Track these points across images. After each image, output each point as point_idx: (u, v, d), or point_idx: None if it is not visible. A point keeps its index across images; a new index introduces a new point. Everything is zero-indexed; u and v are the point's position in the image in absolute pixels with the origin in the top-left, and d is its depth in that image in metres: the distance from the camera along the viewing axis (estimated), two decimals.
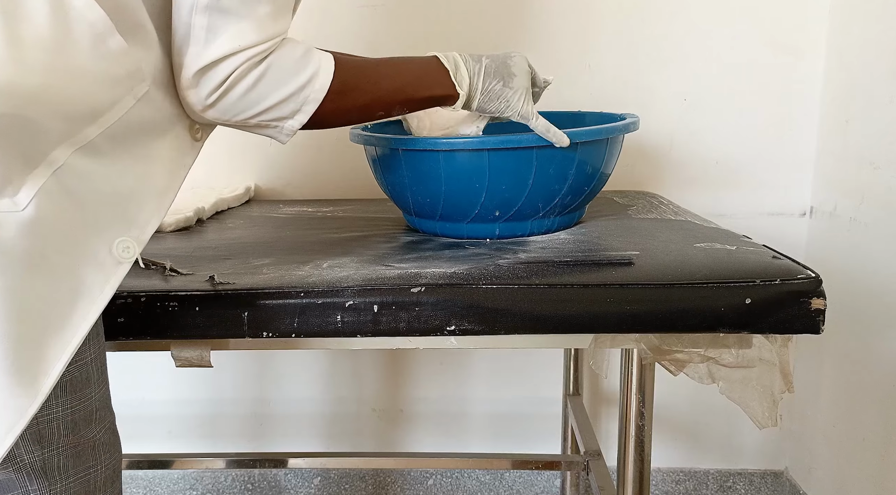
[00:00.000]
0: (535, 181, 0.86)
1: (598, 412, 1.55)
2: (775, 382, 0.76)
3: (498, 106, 0.83)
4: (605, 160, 0.90)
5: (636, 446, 0.83)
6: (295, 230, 1.02)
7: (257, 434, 1.58)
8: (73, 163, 0.58)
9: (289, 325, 0.71)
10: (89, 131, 0.59)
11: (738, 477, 1.54)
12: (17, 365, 0.54)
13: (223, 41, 0.64)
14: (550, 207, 0.90)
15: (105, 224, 0.60)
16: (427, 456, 1.44)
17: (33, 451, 0.59)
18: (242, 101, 0.67)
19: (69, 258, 0.58)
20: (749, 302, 0.68)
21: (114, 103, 0.60)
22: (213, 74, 0.65)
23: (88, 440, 0.63)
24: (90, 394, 0.63)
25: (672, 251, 0.80)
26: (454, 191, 0.88)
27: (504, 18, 1.36)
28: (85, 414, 0.62)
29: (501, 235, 0.91)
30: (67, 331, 0.57)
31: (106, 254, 0.60)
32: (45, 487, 0.60)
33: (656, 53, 1.36)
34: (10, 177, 0.54)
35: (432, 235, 0.96)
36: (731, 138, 1.38)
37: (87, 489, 0.63)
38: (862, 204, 1.22)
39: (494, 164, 0.85)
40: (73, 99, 0.57)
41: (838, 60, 1.30)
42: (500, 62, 0.83)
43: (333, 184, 1.41)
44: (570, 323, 0.70)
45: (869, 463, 1.21)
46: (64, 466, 0.61)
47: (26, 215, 0.55)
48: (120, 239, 0.61)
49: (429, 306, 0.70)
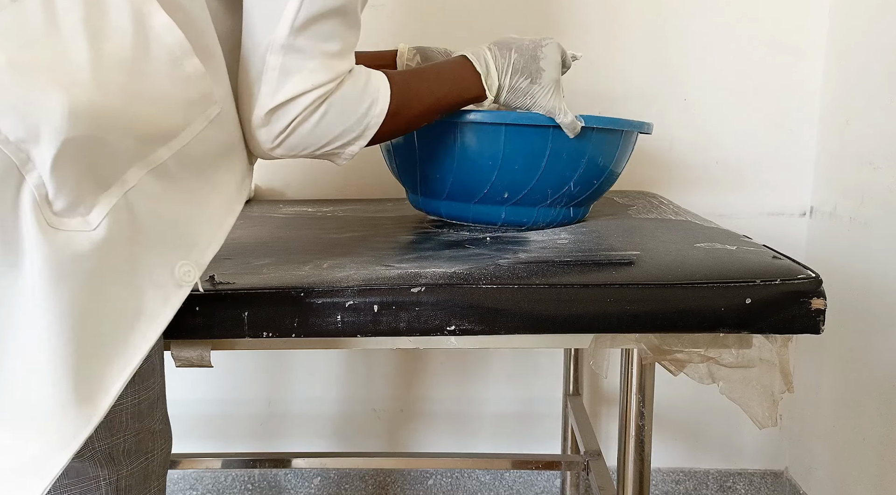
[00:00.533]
0: (547, 164, 0.86)
1: (598, 412, 1.55)
2: (775, 382, 0.76)
3: (524, 102, 0.83)
4: (616, 156, 0.91)
5: (636, 446, 0.83)
6: (295, 230, 1.02)
7: (257, 434, 1.58)
8: (144, 184, 0.58)
9: (289, 325, 0.71)
10: (161, 153, 0.59)
11: (738, 477, 1.54)
12: (78, 382, 0.54)
13: (296, 81, 0.65)
14: (559, 196, 0.90)
15: (169, 246, 0.60)
16: (427, 456, 1.44)
17: (104, 439, 0.61)
18: (309, 137, 0.69)
19: (133, 279, 0.58)
20: (749, 302, 0.68)
21: (186, 125, 0.60)
22: (283, 114, 0.66)
23: (149, 428, 0.65)
24: (153, 384, 0.65)
25: (672, 251, 0.80)
26: (466, 168, 0.88)
27: (500, 23, 1.36)
28: (148, 403, 0.64)
29: (507, 220, 0.92)
30: (128, 351, 0.57)
31: (168, 276, 0.60)
32: (112, 473, 0.62)
33: (656, 53, 1.36)
34: (84, 196, 0.54)
35: (436, 217, 0.97)
36: (731, 138, 1.38)
37: (145, 474, 0.65)
38: (862, 204, 1.22)
39: (510, 141, 0.85)
40: (148, 120, 0.57)
41: (838, 60, 1.30)
42: (529, 55, 0.82)
43: (333, 185, 1.41)
44: (570, 323, 0.70)
45: (869, 463, 1.21)
46: (127, 452, 0.63)
47: (96, 235, 0.55)
48: (181, 262, 0.61)
49: (429, 306, 0.70)
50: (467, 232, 0.95)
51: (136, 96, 0.56)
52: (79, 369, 0.54)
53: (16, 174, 0.52)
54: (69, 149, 0.52)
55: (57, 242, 0.53)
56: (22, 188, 0.52)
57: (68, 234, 0.54)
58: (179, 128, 0.60)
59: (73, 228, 0.54)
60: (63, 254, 0.53)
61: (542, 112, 0.83)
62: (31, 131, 0.51)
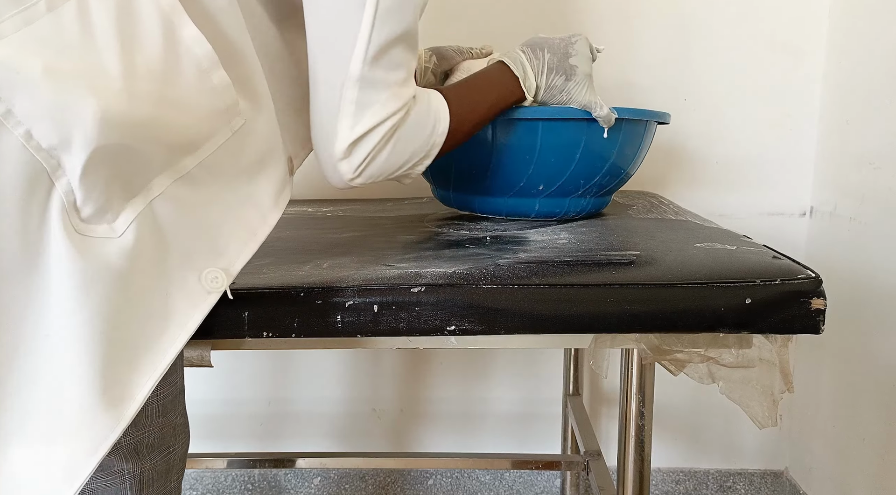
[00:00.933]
0: (581, 155, 0.89)
1: (598, 412, 1.55)
2: (775, 382, 0.76)
3: (560, 98, 0.86)
4: (641, 145, 0.95)
5: (636, 446, 0.83)
6: (295, 230, 1.02)
7: (258, 434, 1.58)
8: (170, 192, 0.58)
9: (289, 325, 0.71)
10: (187, 162, 0.59)
11: (738, 477, 1.54)
12: (106, 386, 0.54)
13: (372, 113, 0.67)
14: (590, 186, 0.94)
15: (196, 253, 0.61)
16: (427, 456, 1.44)
17: (130, 434, 0.62)
18: (386, 164, 0.71)
19: (160, 285, 0.58)
20: (749, 302, 0.68)
21: (211, 136, 0.61)
22: (362, 145, 0.68)
23: (171, 423, 0.66)
24: (175, 380, 0.66)
25: (672, 251, 0.80)
26: (503, 162, 0.90)
27: (500, 22, 1.36)
28: (171, 399, 0.66)
29: (539, 212, 0.96)
30: (156, 356, 0.58)
31: (195, 282, 0.61)
32: (136, 466, 0.63)
33: (656, 53, 1.36)
34: (111, 204, 0.55)
35: (469, 212, 0.99)
36: (731, 138, 1.38)
37: (167, 467, 0.67)
38: (862, 204, 1.22)
39: (546, 135, 0.88)
40: (176, 130, 0.58)
41: (838, 60, 1.30)
42: (562, 54, 0.85)
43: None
44: (570, 323, 0.70)
45: (869, 463, 1.21)
46: (151, 447, 0.64)
47: (122, 242, 0.55)
48: (209, 268, 0.61)
49: (429, 306, 0.70)
50: (467, 231, 0.95)
51: (166, 106, 0.57)
52: (107, 374, 0.54)
53: (46, 180, 0.52)
54: (99, 156, 0.53)
55: (84, 249, 0.53)
56: (51, 194, 0.53)
57: (95, 241, 0.54)
58: (205, 138, 0.60)
59: (100, 235, 0.55)
60: (90, 260, 0.53)
61: (578, 106, 0.86)
62: (64, 138, 0.51)
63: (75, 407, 0.53)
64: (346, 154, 0.68)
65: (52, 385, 0.54)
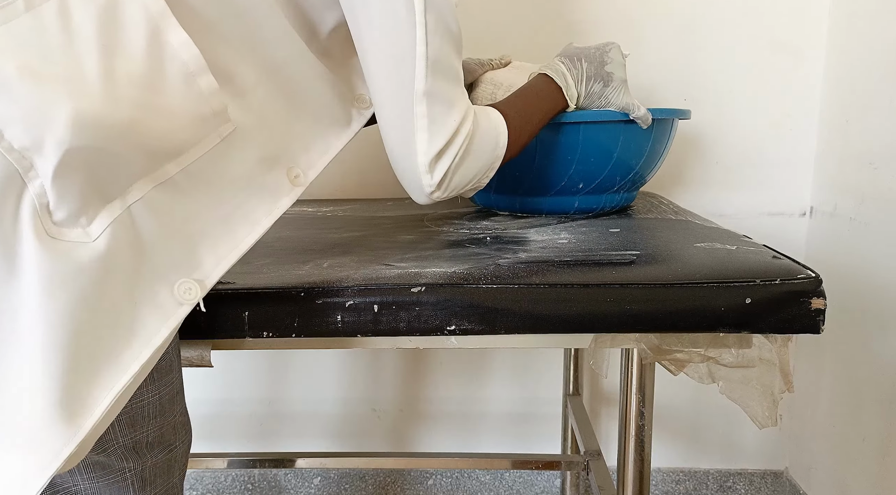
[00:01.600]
0: (618, 154, 0.95)
1: (598, 412, 1.55)
2: (775, 382, 0.76)
3: (599, 103, 0.92)
4: (668, 140, 1.00)
5: (636, 446, 0.83)
6: (295, 230, 1.02)
7: (258, 434, 1.58)
8: (149, 198, 0.57)
9: (289, 325, 0.71)
10: (169, 168, 0.58)
11: (738, 477, 1.54)
12: (65, 398, 0.53)
13: (446, 125, 0.70)
14: (625, 182, 0.99)
15: (170, 263, 0.59)
16: (427, 456, 1.44)
17: (126, 434, 0.62)
18: (462, 177, 0.74)
19: (130, 295, 0.57)
20: (749, 302, 0.68)
21: (196, 142, 0.60)
22: (443, 160, 0.71)
23: (171, 421, 0.66)
24: (172, 380, 0.66)
25: (672, 251, 0.80)
26: (546, 164, 0.95)
27: (500, 22, 1.36)
28: (169, 398, 0.65)
29: (578, 208, 1.00)
30: (118, 370, 0.56)
31: (167, 294, 0.59)
32: (137, 464, 0.63)
33: (656, 53, 1.36)
34: (86, 208, 0.54)
35: (508, 212, 1.03)
36: (730, 138, 1.38)
37: (169, 465, 0.67)
38: (862, 204, 1.22)
39: (587, 137, 0.93)
40: (158, 135, 0.57)
41: (838, 60, 1.30)
42: (598, 62, 0.90)
43: (333, 185, 1.41)
44: (570, 323, 0.70)
45: (869, 463, 1.21)
46: (151, 445, 0.64)
47: (96, 247, 0.54)
48: (183, 280, 0.60)
49: (429, 306, 0.70)
50: (467, 231, 0.95)
51: (147, 110, 0.56)
52: (67, 385, 0.53)
53: (18, 182, 0.51)
54: (73, 159, 0.52)
55: (55, 252, 0.52)
56: (23, 196, 0.52)
57: (67, 245, 0.53)
58: (189, 144, 0.59)
59: (73, 239, 0.53)
60: (60, 264, 0.52)
61: (617, 109, 0.91)
62: (36, 140, 0.51)
63: (35, 417, 0.52)
64: (429, 169, 0.71)
65: (14, 392, 0.52)
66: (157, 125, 0.57)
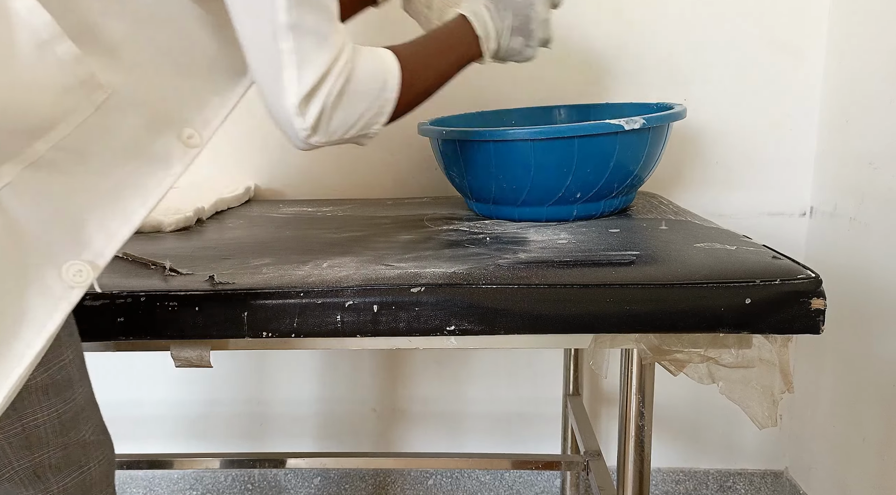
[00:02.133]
0: (615, 162, 0.93)
1: (598, 412, 1.55)
2: (775, 382, 0.76)
3: (515, 59, 0.87)
4: (664, 142, 1.00)
5: (636, 446, 0.83)
6: (295, 230, 1.02)
7: (258, 434, 1.58)
8: (20, 181, 0.54)
9: (289, 325, 0.71)
10: (38, 146, 0.54)
11: (738, 477, 1.54)
12: None
13: (316, 62, 0.63)
14: (623, 187, 0.99)
15: (55, 246, 0.56)
16: (427, 456, 1.43)
17: (23, 457, 0.58)
18: (343, 120, 0.67)
19: (13, 283, 0.53)
20: (749, 302, 0.68)
21: (66, 114, 0.55)
22: (316, 98, 0.64)
23: (77, 440, 0.62)
24: (74, 395, 0.62)
25: (672, 251, 0.80)
26: (542, 178, 0.94)
27: None
28: (72, 415, 0.61)
29: (577, 215, 0.99)
30: (11, 361, 0.53)
31: (55, 278, 0.56)
32: (39, 491, 0.60)
33: (656, 53, 1.36)
34: None
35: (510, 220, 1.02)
36: (730, 138, 1.38)
37: (83, 487, 0.63)
38: (862, 204, 1.22)
39: (581, 150, 0.92)
40: (17, 113, 0.53)
41: (838, 60, 1.30)
42: (524, 16, 0.84)
43: (333, 185, 1.41)
44: (570, 323, 0.70)
45: (869, 463, 1.21)
46: (55, 468, 0.60)
47: None
48: (70, 262, 0.56)
49: (429, 306, 0.70)
50: (467, 230, 0.95)
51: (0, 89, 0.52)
52: None
53: None
54: None
55: None
56: None
57: None
58: (57, 119, 0.55)
59: None
60: None
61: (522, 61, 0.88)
62: None
63: None
64: (300, 109, 0.64)
65: None
66: (15, 102, 0.52)
